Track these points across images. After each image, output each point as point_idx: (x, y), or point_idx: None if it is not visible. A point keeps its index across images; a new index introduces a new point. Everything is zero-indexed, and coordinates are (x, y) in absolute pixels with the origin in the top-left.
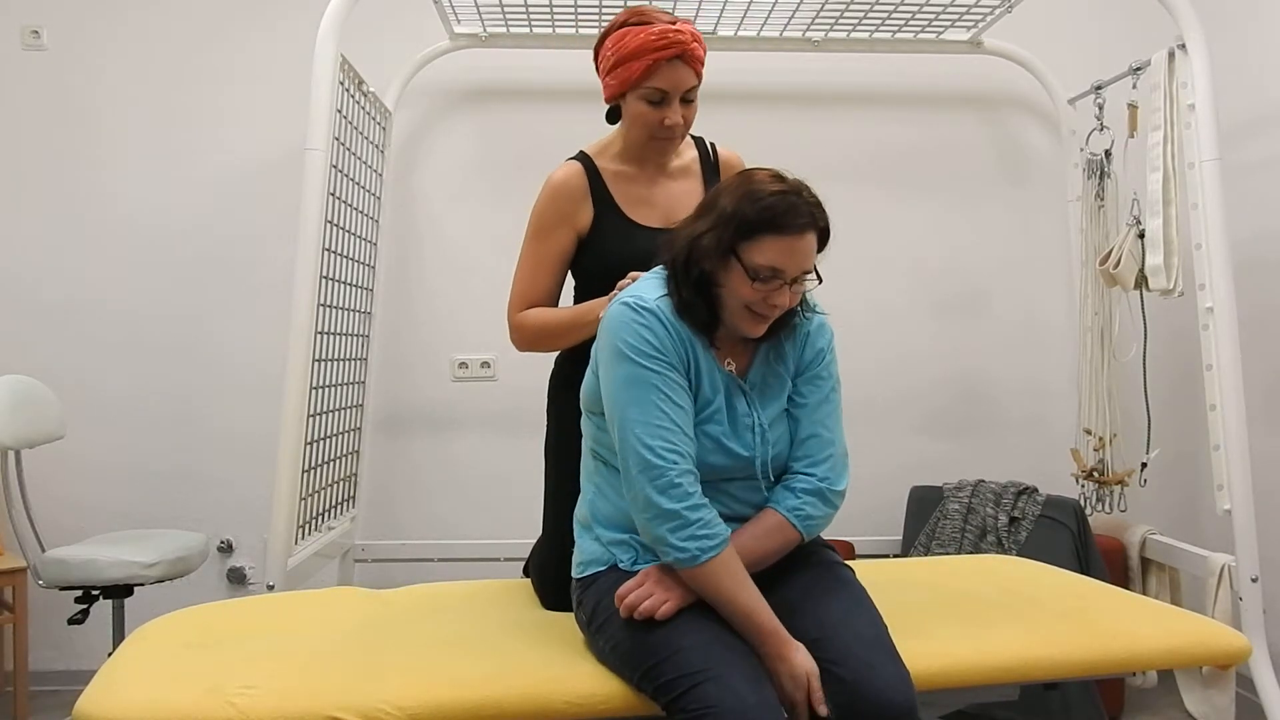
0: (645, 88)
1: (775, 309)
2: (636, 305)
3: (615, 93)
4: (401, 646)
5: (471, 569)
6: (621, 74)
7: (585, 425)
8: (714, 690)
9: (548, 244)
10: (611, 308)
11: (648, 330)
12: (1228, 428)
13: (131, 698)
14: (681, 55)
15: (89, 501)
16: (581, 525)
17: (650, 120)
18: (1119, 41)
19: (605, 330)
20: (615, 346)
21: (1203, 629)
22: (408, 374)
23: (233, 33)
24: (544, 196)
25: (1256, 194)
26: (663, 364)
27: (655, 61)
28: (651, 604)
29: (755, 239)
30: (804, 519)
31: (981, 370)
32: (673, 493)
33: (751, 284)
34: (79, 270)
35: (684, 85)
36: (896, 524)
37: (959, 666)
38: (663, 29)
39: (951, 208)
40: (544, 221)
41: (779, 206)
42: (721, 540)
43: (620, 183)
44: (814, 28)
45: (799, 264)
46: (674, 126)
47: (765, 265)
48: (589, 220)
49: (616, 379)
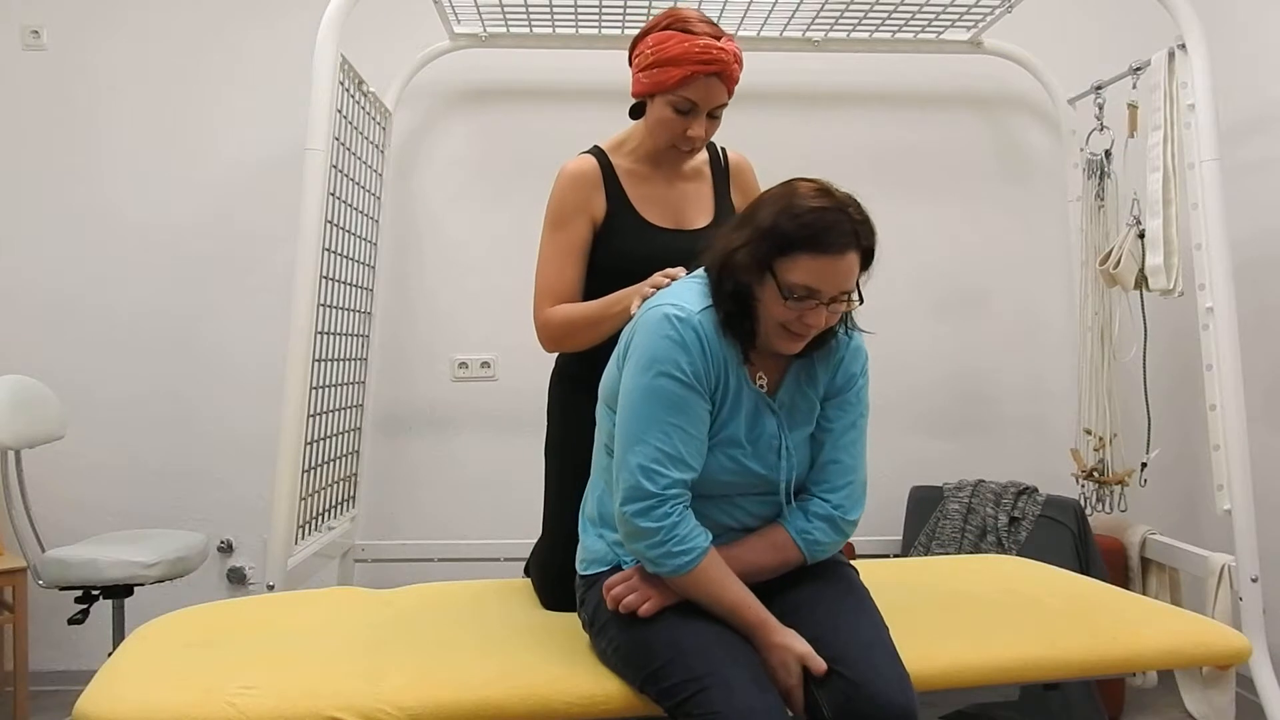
0: (677, 95)
1: (811, 329)
2: (676, 318)
3: (645, 91)
4: (401, 646)
5: (471, 569)
6: (657, 75)
7: (601, 418)
8: (720, 695)
9: (568, 233)
10: (653, 312)
11: (681, 349)
12: (1228, 428)
13: (131, 698)
14: (720, 73)
15: (89, 501)
16: (588, 520)
17: (674, 129)
18: (1119, 41)
19: (640, 332)
20: (644, 355)
21: (1203, 629)
22: (408, 374)
23: (233, 33)
24: (559, 186)
25: (1256, 194)
26: (685, 385)
27: (694, 73)
28: (634, 599)
29: (791, 256)
30: (811, 543)
31: (982, 370)
32: (654, 513)
33: (784, 303)
34: (79, 270)
35: (715, 101)
36: (896, 524)
37: (959, 666)
38: (708, 44)
39: (951, 208)
40: (562, 211)
41: (818, 224)
42: (698, 554)
43: (633, 180)
44: (814, 28)
45: (836, 284)
46: (695, 139)
47: (800, 284)
48: (603, 212)
49: (636, 387)
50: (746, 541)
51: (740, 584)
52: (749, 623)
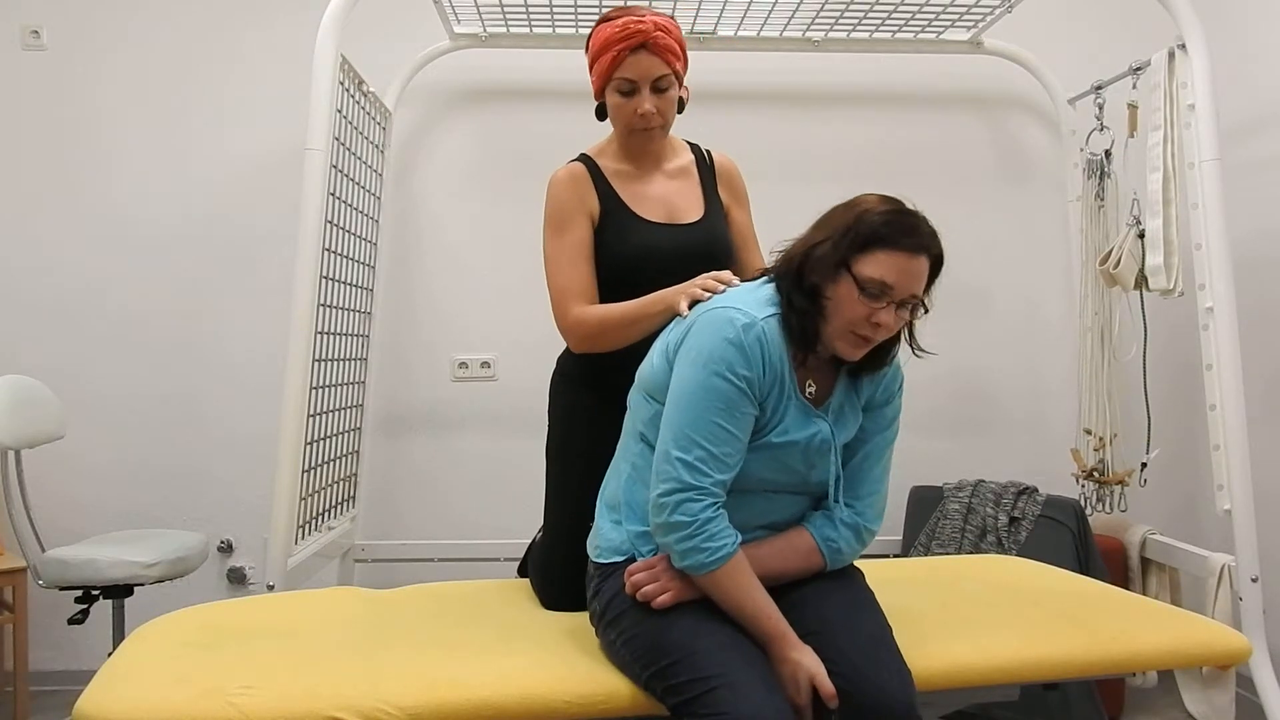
0: (616, 79)
1: (878, 329)
2: (741, 324)
3: (598, 88)
4: (401, 646)
5: (471, 569)
6: (597, 69)
7: (636, 405)
8: (729, 696)
9: (572, 233)
10: (718, 312)
11: (740, 352)
12: (1228, 427)
13: (131, 698)
14: (645, 44)
15: (89, 501)
16: (607, 505)
17: (625, 111)
18: (1119, 41)
19: (702, 330)
20: (704, 352)
21: (1203, 629)
22: (408, 374)
23: (233, 32)
24: (554, 191)
25: (1256, 194)
26: (738, 390)
27: (620, 52)
28: (654, 589)
29: (870, 251)
30: (834, 550)
31: (982, 370)
32: (691, 508)
33: (859, 296)
34: (79, 270)
35: (652, 73)
36: (896, 524)
37: (959, 666)
38: (625, 20)
39: (951, 208)
40: (562, 213)
41: (900, 222)
42: (726, 553)
43: (621, 179)
44: (814, 28)
45: (909, 284)
46: (648, 115)
47: (876, 279)
48: (598, 211)
49: (691, 382)
50: (772, 545)
51: (764, 592)
52: (768, 633)
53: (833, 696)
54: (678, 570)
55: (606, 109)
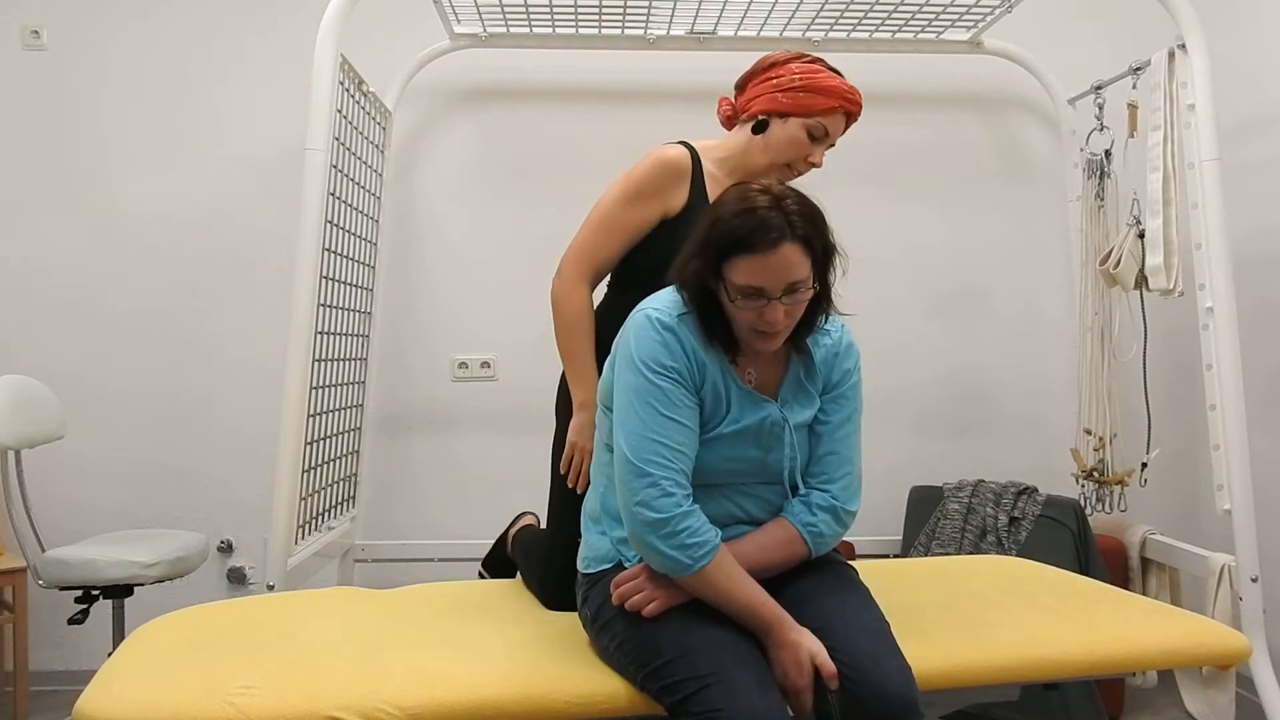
0: (817, 121)
1: (775, 324)
2: (657, 321)
3: (784, 110)
4: (401, 646)
5: (472, 569)
6: (804, 99)
7: (600, 419)
8: (722, 694)
9: (635, 210)
10: (637, 316)
11: (663, 347)
12: (1228, 427)
13: (131, 698)
14: (851, 115)
15: (89, 501)
16: (590, 518)
17: (802, 150)
18: (1119, 41)
19: (625, 336)
20: (629, 356)
21: (1203, 629)
22: (408, 374)
23: (233, 33)
24: (649, 164)
25: (1256, 194)
26: (670, 380)
27: (839, 108)
28: (640, 600)
29: (731, 259)
30: (816, 536)
31: (982, 370)
32: (660, 502)
33: (741, 302)
34: (79, 270)
35: (836, 137)
36: (896, 524)
37: (959, 666)
38: (852, 87)
39: (951, 207)
40: (643, 188)
41: (743, 227)
42: (711, 547)
43: (716, 186)
44: (814, 28)
45: (780, 279)
46: (816, 164)
47: (744, 285)
48: (681, 205)
49: (627, 383)
50: (753, 539)
51: (754, 582)
52: (765, 620)
53: (834, 675)
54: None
55: (767, 127)
